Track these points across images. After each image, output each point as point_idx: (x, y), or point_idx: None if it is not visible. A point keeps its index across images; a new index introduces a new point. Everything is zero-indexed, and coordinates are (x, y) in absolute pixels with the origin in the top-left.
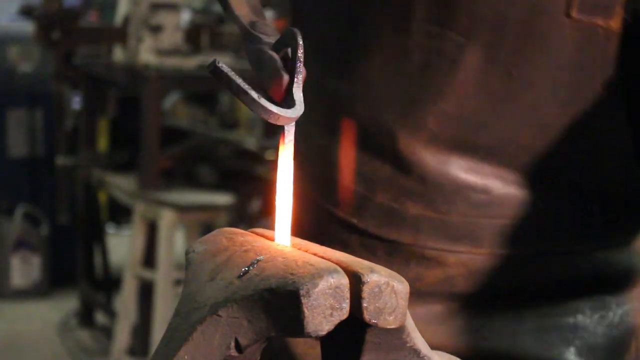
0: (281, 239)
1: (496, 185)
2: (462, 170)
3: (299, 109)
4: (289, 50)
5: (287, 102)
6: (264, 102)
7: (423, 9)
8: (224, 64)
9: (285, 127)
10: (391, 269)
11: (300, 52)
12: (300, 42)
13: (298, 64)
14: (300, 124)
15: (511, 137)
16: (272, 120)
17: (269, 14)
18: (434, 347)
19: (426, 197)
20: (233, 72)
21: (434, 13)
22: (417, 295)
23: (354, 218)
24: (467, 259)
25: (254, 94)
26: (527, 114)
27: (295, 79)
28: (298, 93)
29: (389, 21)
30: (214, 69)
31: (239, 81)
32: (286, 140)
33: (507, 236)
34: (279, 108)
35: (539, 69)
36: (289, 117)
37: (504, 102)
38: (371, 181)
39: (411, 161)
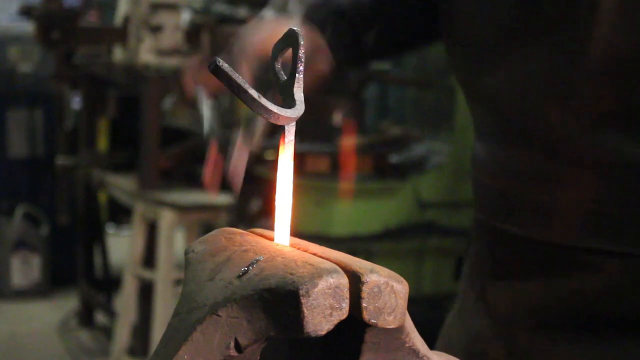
0: (281, 239)
1: None
2: (621, 142)
3: (299, 109)
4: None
5: (287, 102)
6: (264, 101)
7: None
8: (225, 62)
9: (286, 127)
10: (550, 280)
11: (302, 52)
12: (302, 42)
13: (299, 64)
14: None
15: None
16: (272, 120)
17: (269, 13)
18: None
19: (584, 182)
20: (234, 71)
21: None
22: (584, 314)
23: (510, 224)
24: (631, 265)
25: (254, 93)
26: None
27: (296, 80)
28: (299, 93)
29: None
30: (215, 67)
31: (240, 80)
32: (286, 140)
33: None
34: (279, 108)
35: None
36: (289, 117)
37: None
38: (523, 175)
39: (566, 140)
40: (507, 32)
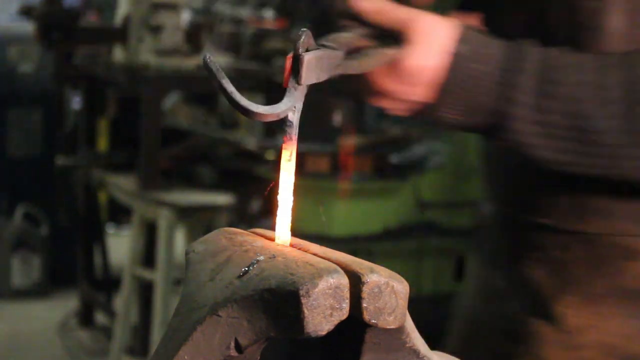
0: (281, 239)
1: None
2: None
3: (282, 107)
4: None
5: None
6: (238, 97)
7: None
8: (214, 61)
9: (287, 128)
10: (593, 269)
11: (301, 51)
12: (301, 41)
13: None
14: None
15: None
16: (250, 117)
17: (268, 14)
18: None
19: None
20: (219, 69)
21: None
22: (627, 296)
23: (546, 219)
24: None
25: (232, 90)
26: None
27: (291, 82)
28: (292, 92)
29: (526, 9)
30: (204, 63)
31: (223, 78)
32: (288, 140)
33: None
34: (255, 105)
35: None
36: (265, 114)
37: None
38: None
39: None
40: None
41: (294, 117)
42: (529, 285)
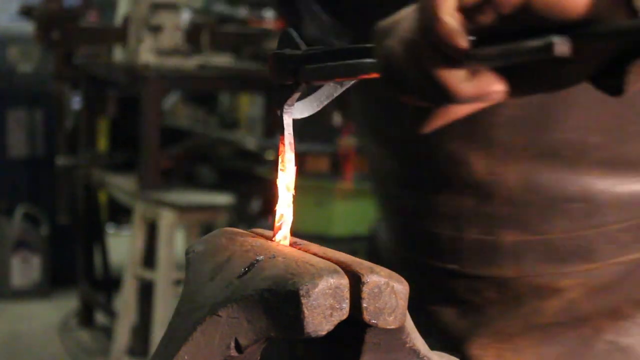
0: (281, 239)
1: (591, 190)
2: (550, 181)
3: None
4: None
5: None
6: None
7: None
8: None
9: (285, 128)
10: (505, 309)
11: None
12: (300, 41)
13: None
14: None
15: (590, 126)
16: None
17: (269, 14)
18: None
19: (519, 220)
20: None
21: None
22: (542, 330)
23: (451, 263)
24: (584, 277)
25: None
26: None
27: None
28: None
29: None
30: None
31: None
32: (286, 141)
33: (619, 242)
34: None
35: None
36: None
37: (594, 101)
38: (457, 219)
39: (493, 185)
40: None
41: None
42: (437, 326)
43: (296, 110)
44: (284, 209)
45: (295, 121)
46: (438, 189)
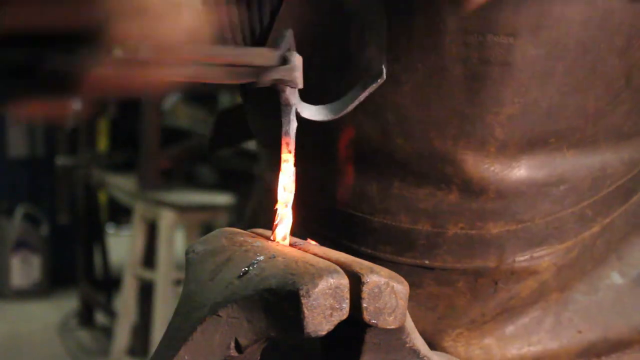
0: (281, 239)
1: (570, 171)
2: (536, 169)
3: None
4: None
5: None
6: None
7: (455, 20)
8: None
9: (284, 128)
10: (479, 297)
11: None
12: (292, 41)
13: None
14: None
15: (582, 114)
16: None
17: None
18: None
19: (507, 211)
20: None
21: (471, 22)
22: (509, 312)
23: (425, 259)
24: (556, 257)
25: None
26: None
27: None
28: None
29: (415, 41)
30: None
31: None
32: (286, 141)
33: (586, 218)
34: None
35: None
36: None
37: (571, 90)
38: (437, 215)
39: (484, 180)
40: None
41: (291, 117)
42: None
43: (318, 113)
44: (284, 209)
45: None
46: (417, 185)
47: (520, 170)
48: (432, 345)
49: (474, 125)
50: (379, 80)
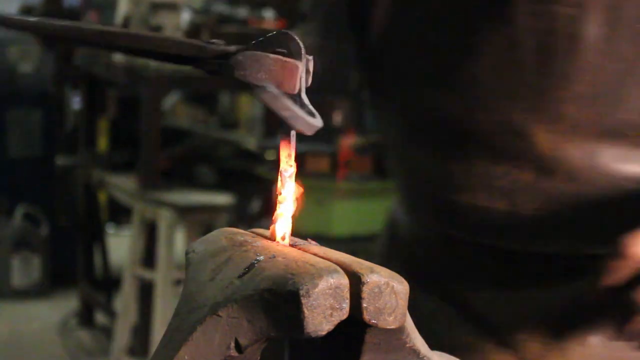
0: (281, 239)
1: None
2: (613, 160)
3: (318, 115)
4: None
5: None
6: (308, 118)
7: None
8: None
9: (286, 128)
10: (552, 287)
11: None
12: (300, 42)
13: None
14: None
15: None
16: (309, 132)
17: (269, 14)
18: None
19: (578, 196)
20: (280, 93)
21: None
22: (583, 317)
23: (501, 240)
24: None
25: (298, 111)
26: None
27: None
28: (306, 98)
29: (488, 14)
30: (262, 94)
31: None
32: (287, 141)
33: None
34: (315, 119)
35: None
36: (319, 125)
37: (637, 65)
38: (513, 193)
39: (555, 160)
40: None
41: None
42: (474, 312)
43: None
44: (284, 209)
45: None
46: (495, 162)
47: (593, 158)
48: (502, 338)
49: (545, 100)
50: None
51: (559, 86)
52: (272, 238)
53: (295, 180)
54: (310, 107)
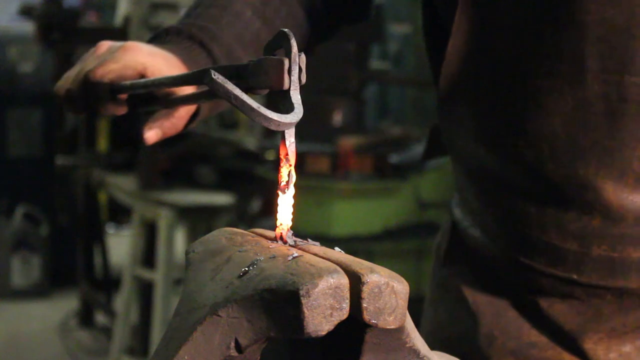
0: (281, 239)
1: None
2: None
3: (298, 112)
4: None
5: (285, 106)
6: (264, 110)
7: (596, 61)
8: (220, 74)
9: (286, 130)
10: (624, 309)
11: (295, 51)
12: (294, 43)
13: (294, 66)
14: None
15: None
16: (273, 127)
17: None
18: None
19: None
20: (230, 83)
21: (609, 63)
22: None
23: (573, 274)
24: None
25: (253, 104)
26: None
27: (292, 82)
28: (296, 96)
29: (562, 77)
30: (210, 81)
31: (237, 92)
32: (287, 142)
33: None
34: (279, 115)
35: None
36: (288, 122)
37: None
38: (583, 237)
39: (623, 208)
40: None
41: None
42: (549, 320)
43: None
44: (284, 209)
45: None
46: (565, 208)
47: None
48: (575, 346)
49: (614, 158)
50: None
51: (628, 146)
52: (272, 238)
53: (295, 180)
54: (296, 105)
